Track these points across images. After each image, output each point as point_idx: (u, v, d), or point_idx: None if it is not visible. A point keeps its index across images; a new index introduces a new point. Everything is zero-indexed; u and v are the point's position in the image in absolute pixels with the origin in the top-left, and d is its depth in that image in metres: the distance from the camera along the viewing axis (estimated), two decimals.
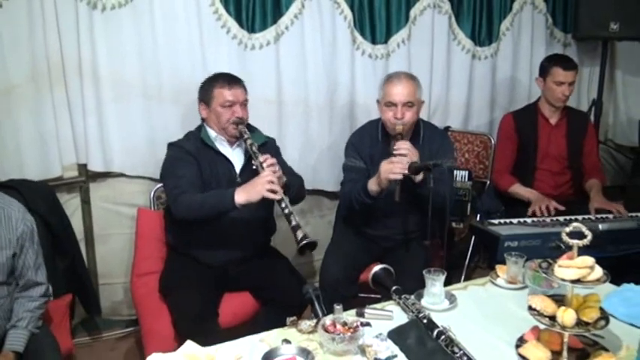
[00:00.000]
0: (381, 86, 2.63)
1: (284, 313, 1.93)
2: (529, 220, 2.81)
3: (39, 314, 2.03)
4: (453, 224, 3.23)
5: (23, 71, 2.53)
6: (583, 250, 1.48)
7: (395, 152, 2.38)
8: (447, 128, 3.52)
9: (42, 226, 2.47)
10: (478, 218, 3.23)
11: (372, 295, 2.52)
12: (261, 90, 3.01)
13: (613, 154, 3.98)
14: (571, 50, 3.82)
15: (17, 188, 2.40)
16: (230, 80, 2.45)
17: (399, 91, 2.51)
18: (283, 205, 2.15)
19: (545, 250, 2.16)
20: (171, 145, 2.48)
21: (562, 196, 3.11)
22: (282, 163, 2.52)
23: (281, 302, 2.36)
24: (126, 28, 2.68)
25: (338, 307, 1.67)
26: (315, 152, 3.26)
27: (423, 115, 3.21)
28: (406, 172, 2.31)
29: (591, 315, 1.43)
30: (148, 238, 2.68)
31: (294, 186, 2.46)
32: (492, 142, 3.49)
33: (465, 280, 3.03)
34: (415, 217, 2.62)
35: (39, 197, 2.50)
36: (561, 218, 2.82)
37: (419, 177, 2.38)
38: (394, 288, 1.84)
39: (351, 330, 1.55)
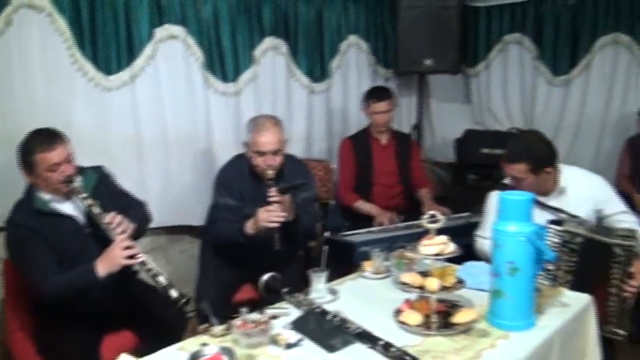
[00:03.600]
0: (248, 132, 2.78)
1: (165, 340, 2.04)
2: (374, 229, 3.27)
3: None
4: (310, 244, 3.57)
5: None
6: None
7: (270, 199, 2.56)
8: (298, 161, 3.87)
9: None
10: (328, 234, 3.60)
11: None
12: (120, 130, 3.11)
13: (434, 169, 4.68)
14: (392, 83, 4.45)
15: None
16: (49, 141, 2.25)
17: (267, 140, 2.67)
18: (147, 267, 2.19)
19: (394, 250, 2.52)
20: (9, 225, 2.31)
21: (396, 206, 3.62)
22: (118, 193, 2.55)
23: (161, 332, 2.44)
24: None
25: (244, 310, 1.88)
26: (176, 188, 3.39)
27: None
28: (283, 219, 2.52)
29: (450, 280, 1.83)
30: (18, 292, 2.57)
31: (141, 220, 2.50)
32: (332, 166, 3.93)
33: None
34: (286, 249, 2.77)
35: None
36: (400, 224, 3.32)
37: (291, 217, 2.63)
38: (285, 290, 2.09)
39: (264, 323, 1.77)
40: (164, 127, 3.30)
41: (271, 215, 2.53)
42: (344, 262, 2.85)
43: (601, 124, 4.29)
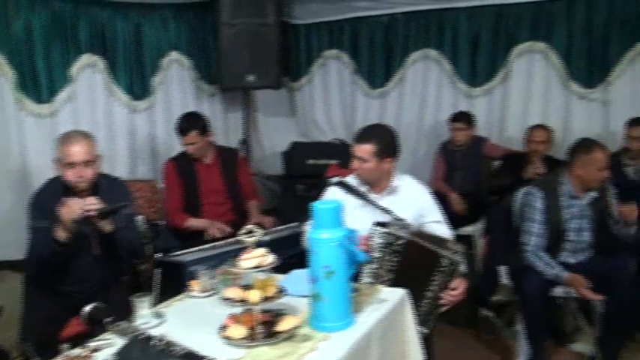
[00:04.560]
0: (57, 146, 2.66)
1: None
2: (206, 247, 3.23)
3: None
4: (140, 267, 3.45)
5: None
6: None
7: (86, 208, 2.46)
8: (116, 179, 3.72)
9: None
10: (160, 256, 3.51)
11: None
12: None
13: (264, 182, 4.77)
14: (217, 99, 4.47)
15: None
16: None
17: (77, 151, 2.58)
18: None
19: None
20: None
21: (227, 222, 3.60)
22: None
23: None
24: None
25: (65, 346, 1.78)
26: None
27: None
28: (86, 208, 2.44)
29: (272, 291, 1.88)
30: None
31: None
32: (158, 186, 3.84)
33: None
34: (111, 267, 2.74)
35: None
36: (231, 240, 3.33)
37: (108, 227, 2.55)
38: (107, 320, 2.01)
39: (85, 357, 1.68)
40: None
41: (71, 207, 2.44)
42: (176, 283, 2.81)
43: (416, 131, 4.71)
